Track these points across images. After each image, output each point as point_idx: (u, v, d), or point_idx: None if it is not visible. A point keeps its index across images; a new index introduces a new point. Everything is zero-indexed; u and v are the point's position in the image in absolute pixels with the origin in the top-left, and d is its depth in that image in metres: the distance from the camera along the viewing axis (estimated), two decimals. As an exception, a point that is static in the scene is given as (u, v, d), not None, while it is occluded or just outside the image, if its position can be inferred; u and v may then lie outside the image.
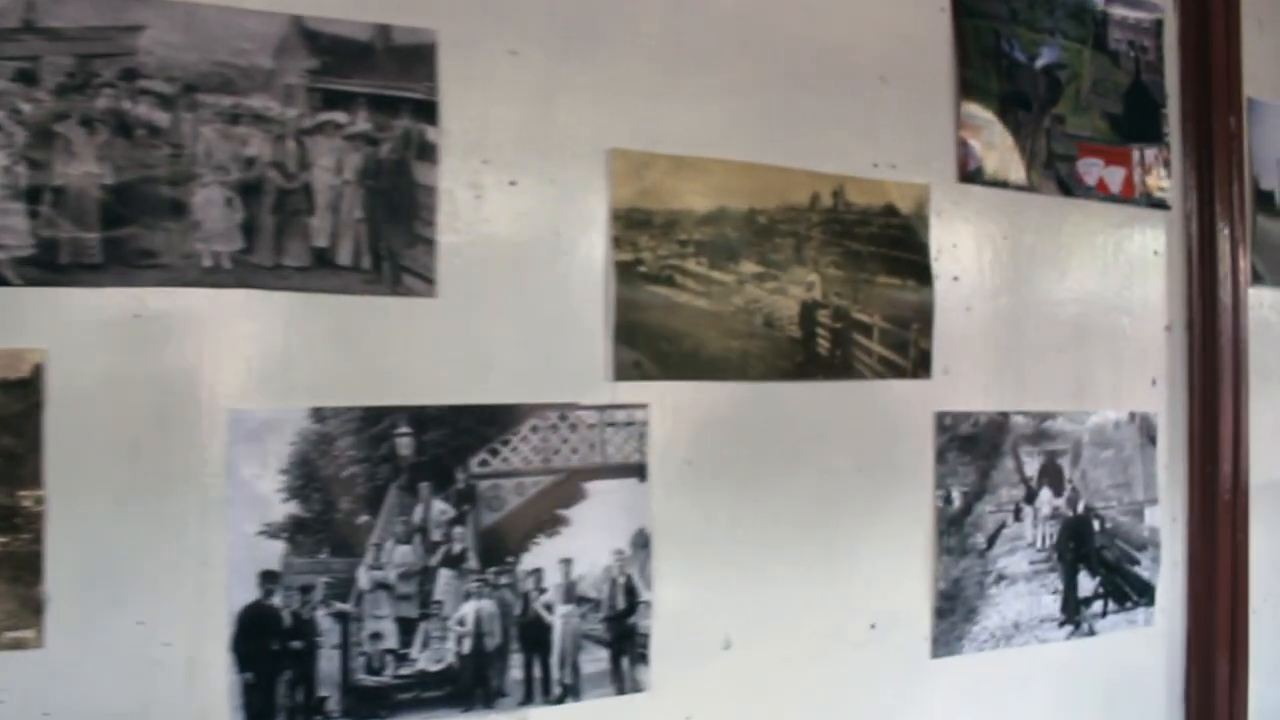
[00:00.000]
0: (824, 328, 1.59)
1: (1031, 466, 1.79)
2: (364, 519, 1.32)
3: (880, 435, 1.65)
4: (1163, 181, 1.97)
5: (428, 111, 1.36)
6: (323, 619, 1.30)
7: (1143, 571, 1.91)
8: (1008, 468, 1.76)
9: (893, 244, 1.65)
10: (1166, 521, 1.96)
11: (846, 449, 1.62)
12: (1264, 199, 2.10)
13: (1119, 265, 1.92)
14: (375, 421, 1.33)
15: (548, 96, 1.44)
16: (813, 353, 1.58)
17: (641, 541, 1.47)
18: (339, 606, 1.31)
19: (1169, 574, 1.96)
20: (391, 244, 1.35)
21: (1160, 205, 1.97)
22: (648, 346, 1.47)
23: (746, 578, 1.54)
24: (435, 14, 1.38)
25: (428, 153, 1.36)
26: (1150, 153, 1.96)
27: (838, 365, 1.61)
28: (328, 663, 1.31)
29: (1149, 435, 1.93)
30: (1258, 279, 2.08)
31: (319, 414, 1.30)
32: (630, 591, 1.46)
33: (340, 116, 1.33)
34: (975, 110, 1.75)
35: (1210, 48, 1.98)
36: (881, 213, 1.65)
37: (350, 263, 1.33)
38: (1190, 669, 1.98)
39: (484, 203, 1.39)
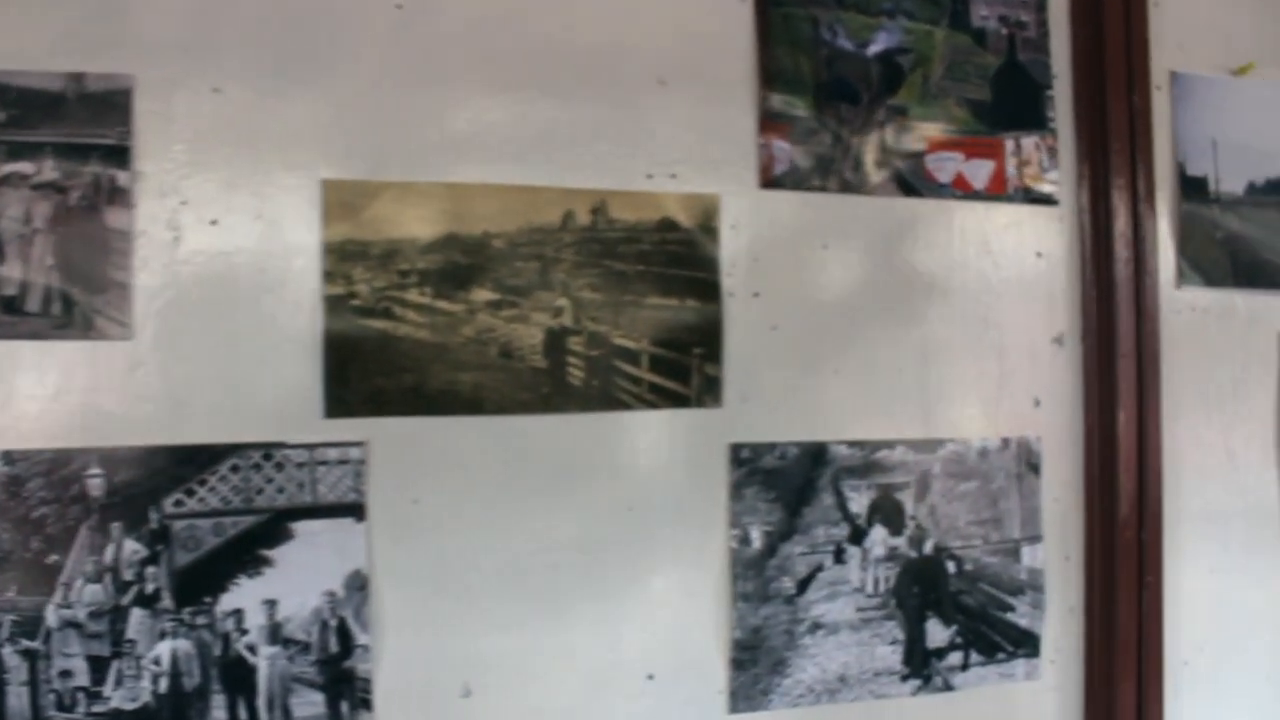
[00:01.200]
0: (576, 356, 1.49)
1: (858, 503, 1.61)
2: (54, 558, 1.34)
3: (656, 471, 1.52)
4: (1047, 174, 1.72)
5: (119, 156, 1.36)
6: (9, 656, 1.32)
7: (1019, 619, 1.68)
8: (825, 504, 1.59)
9: (670, 261, 1.52)
10: (1057, 561, 1.72)
11: (613, 486, 1.50)
12: (1192, 186, 1.81)
13: (988, 271, 1.69)
14: (65, 463, 1.34)
15: (255, 131, 1.40)
16: (562, 383, 1.48)
17: (357, 583, 1.41)
18: (26, 644, 1.33)
19: (1061, 621, 1.72)
20: (84, 289, 1.35)
21: (1044, 200, 1.73)
22: (362, 382, 1.41)
23: (488, 622, 1.46)
24: (133, 59, 1.37)
25: (119, 197, 1.36)
26: (1029, 141, 1.72)
27: (594, 396, 1.49)
28: (17, 699, 1.32)
29: (1029, 463, 1.69)
30: (1185, 279, 1.79)
31: (8, 457, 1.32)
32: (344, 634, 1.41)
33: (26, 167, 1.34)
34: (783, 107, 1.59)
35: (1105, 17, 1.72)
36: (656, 228, 1.52)
37: (39, 309, 1.34)
38: (1089, 732, 1.72)
39: (182, 243, 1.38)
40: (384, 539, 1.42)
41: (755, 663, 1.55)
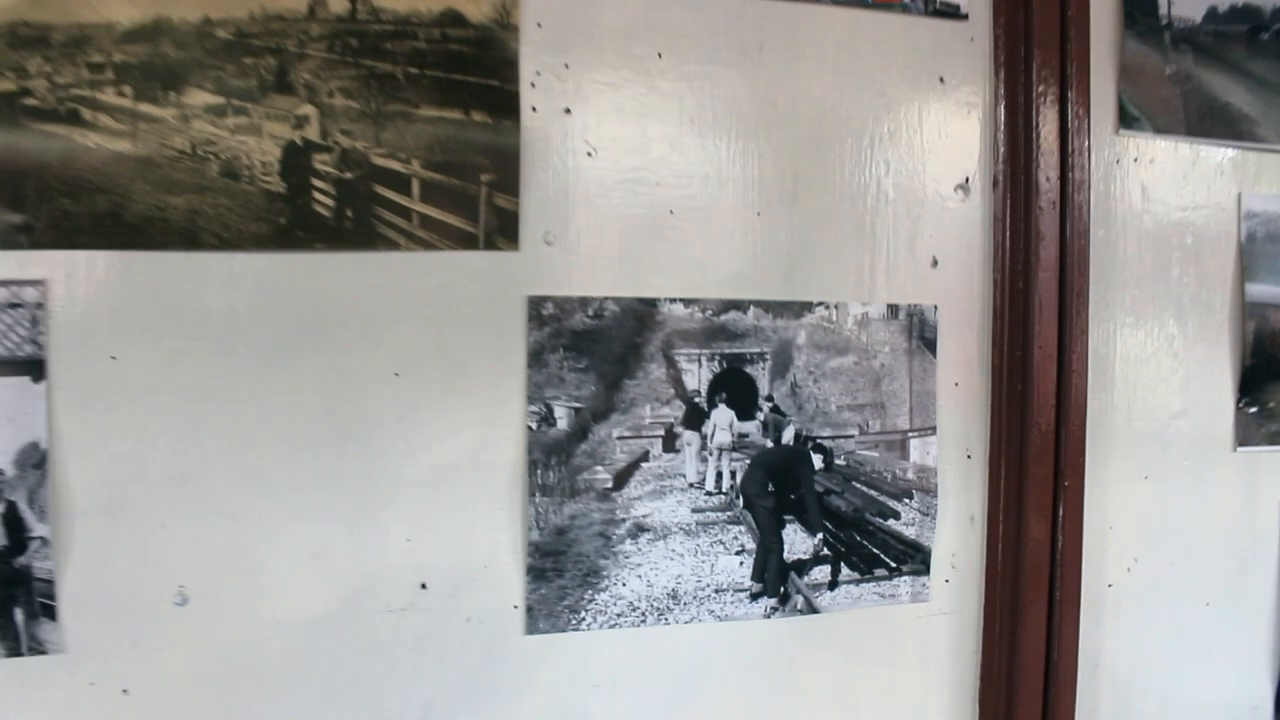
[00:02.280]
0: (324, 179, 1.17)
1: (696, 377, 1.29)
2: None
3: (430, 328, 1.21)
4: (952, -20, 1.38)
5: None
6: None
7: (904, 528, 1.37)
8: (653, 377, 1.27)
9: (453, 64, 1.20)
10: (955, 459, 1.40)
11: (373, 347, 1.19)
12: (1138, 8, 1.46)
13: (875, 98, 1.36)
14: None
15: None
16: (305, 213, 1.16)
17: (33, 459, 1.11)
18: None
19: (959, 532, 1.41)
20: None
21: (949, 13, 1.39)
22: (40, 204, 1.10)
23: (209, 513, 1.15)
24: None
25: None
26: (930, -61, 1.38)
27: (349, 231, 1.18)
28: None
29: (923, 337, 1.37)
30: (1126, 123, 1.45)
31: None
32: (15, 523, 1.11)
33: None
34: (606, -119, 1.25)
35: None
36: (435, 21, 1.20)
37: None
38: (989, 659, 1.41)
39: None
40: (69, 404, 1.12)
41: (560, 572, 1.24)
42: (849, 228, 1.35)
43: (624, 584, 1.27)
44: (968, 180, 1.40)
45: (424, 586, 1.22)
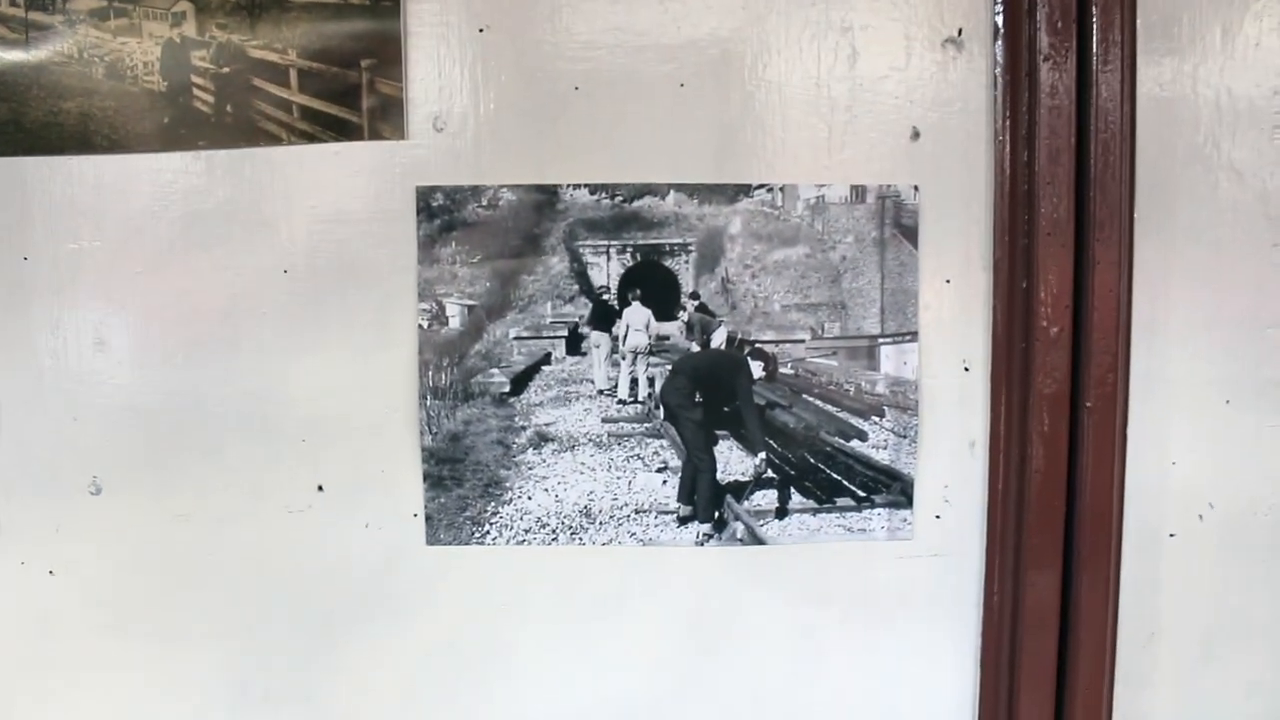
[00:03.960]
0: (203, 75, 1.15)
1: (605, 270, 1.15)
2: None
3: (317, 223, 1.17)
4: None
5: None
6: None
7: (875, 451, 1.16)
8: (554, 272, 1.15)
9: (331, -56, 1.14)
10: (948, 373, 1.17)
11: (260, 243, 1.17)
12: None
13: (832, -61, 1.14)
14: None
15: None
16: (187, 110, 1.16)
17: (-38, 355, 1.20)
18: None
19: (956, 460, 1.18)
20: None
21: None
22: (-47, 114, 1.17)
23: (117, 411, 1.19)
24: None
25: None
26: None
27: (229, 126, 1.16)
28: None
29: (900, 224, 1.14)
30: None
31: None
32: (-51, 415, 1.20)
33: None
34: None
35: None
36: (312, -100, 1.14)
37: None
38: (992, 613, 1.17)
39: None
40: (-9, 302, 1.18)
41: (459, 481, 1.16)
42: (799, 97, 1.14)
43: (529, 497, 1.16)
44: (960, 33, 1.14)
45: (320, 489, 1.18)
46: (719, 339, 1.15)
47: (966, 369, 1.16)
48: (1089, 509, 1.13)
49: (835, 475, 1.16)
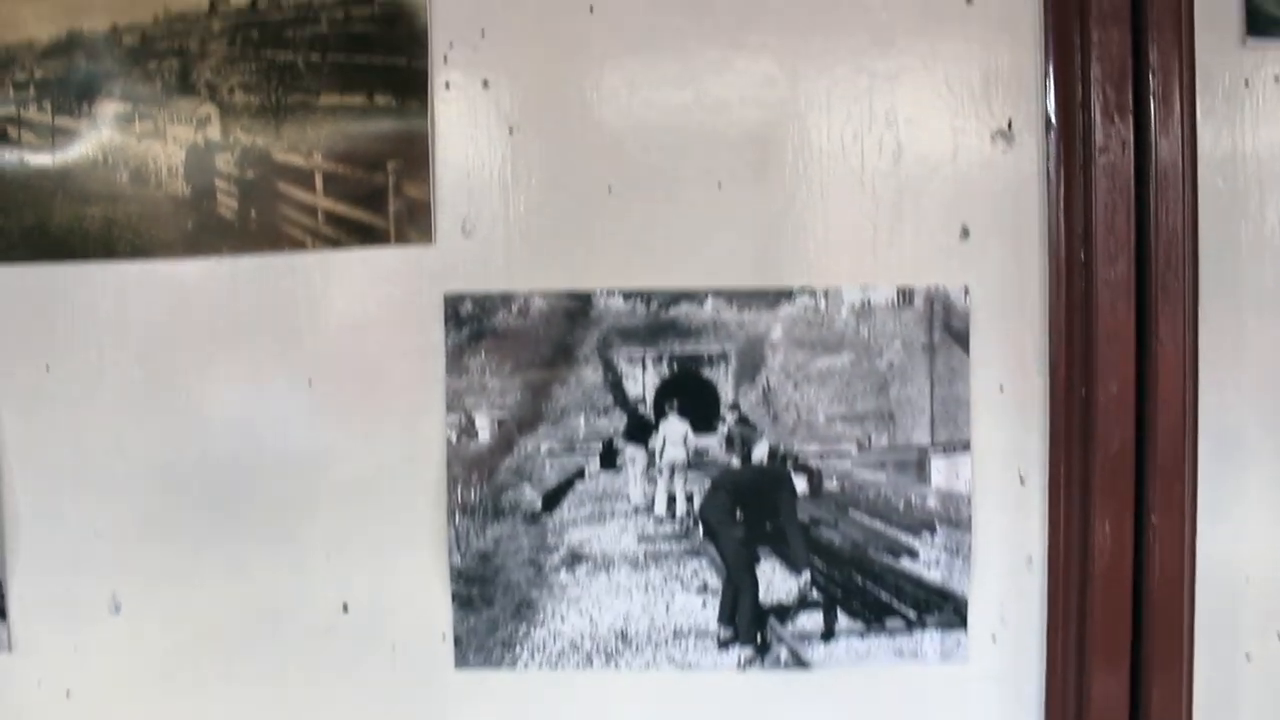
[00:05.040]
0: (227, 180, 1.12)
1: (641, 381, 1.10)
2: None
3: (343, 332, 1.13)
4: None
5: None
6: None
7: (927, 569, 1.10)
8: (588, 382, 1.11)
9: (357, 45, 1.11)
10: (1002, 484, 1.11)
11: (286, 353, 1.13)
12: None
13: (875, 32, 1.10)
14: None
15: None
16: (211, 216, 1.13)
17: (-24, 462, 1.17)
18: None
19: (1012, 577, 1.11)
20: None
21: (977, -87, 1.09)
22: (-22, 222, 1.15)
23: (138, 523, 1.15)
24: None
25: None
26: None
27: (254, 232, 1.13)
28: None
29: (949, 328, 1.09)
30: (1258, 23, 1.07)
31: None
32: (-34, 528, 1.17)
33: None
34: None
35: None
36: (339, 1, 1.12)
37: None
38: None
39: None
40: (11, 412, 1.15)
41: (489, 602, 1.11)
42: (842, 195, 1.10)
43: (563, 619, 1.11)
44: (1010, 125, 1.09)
45: (346, 609, 1.13)
46: (760, 452, 1.09)
47: (1022, 480, 1.10)
48: (1157, 630, 1.05)
49: (884, 595, 1.09)
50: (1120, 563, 1.05)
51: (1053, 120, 1.08)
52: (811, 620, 1.10)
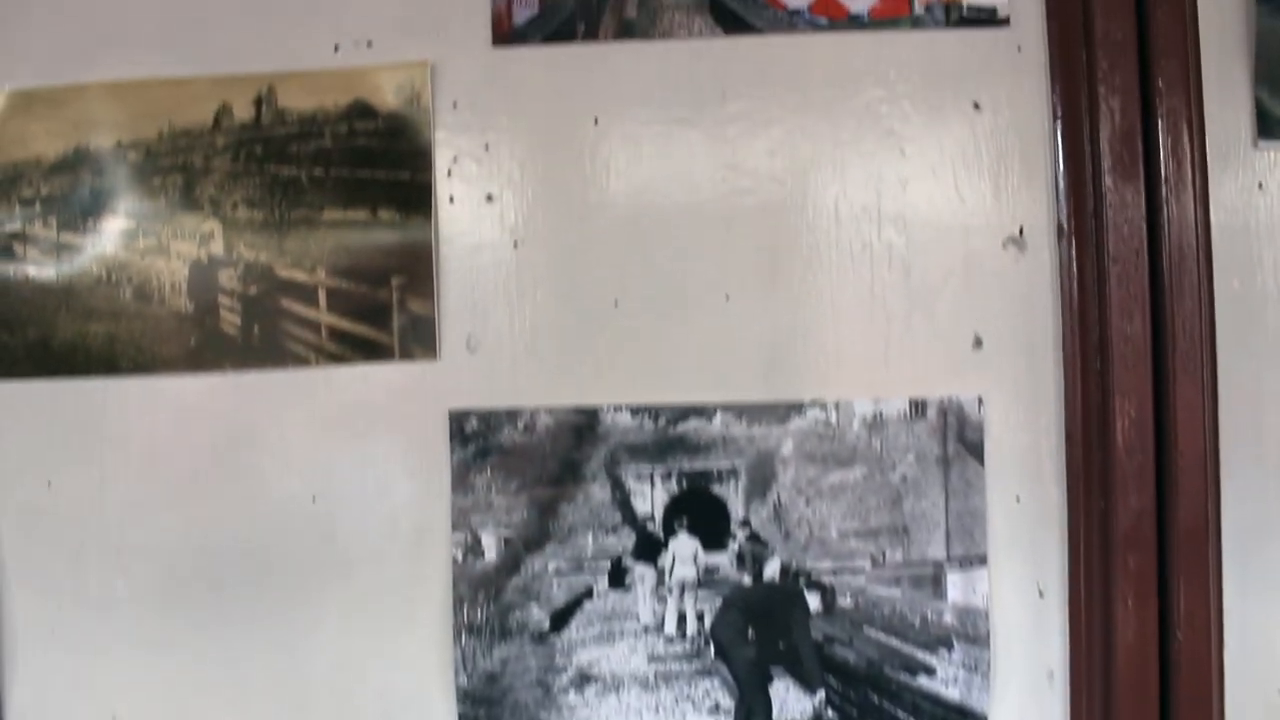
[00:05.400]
0: (230, 296, 1.12)
1: (650, 498, 1.08)
2: None
3: (347, 449, 1.11)
4: (985, -23, 1.09)
5: None
6: None
7: (945, 687, 1.07)
8: (596, 500, 1.09)
9: (361, 159, 1.11)
10: (1021, 598, 1.08)
11: (288, 471, 1.12)
12: (1274, -30, 1.06)
13: (882, 141, 1.09)
14: None
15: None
16: (214, 332, 1.12)
17: (-21, 585, 1.15)
18: None
19: (1033, 693, 1.08)
20: None
21: (983, 19, 1.08)
22: (-18, 338, 1.15)
23: (138, 639, 1.13)
24: None
25: None
26: (952, -71, 1.09)
27: (256, 348, 1.12)
28: None
29: (964, 440, 1.07)
30: (1269, 127, 1.06)
31: None
32: (-33, 648, 1.15)
33: None
34: (529, -69, 1.11)
35: None
36: (343, 115, 1.11)
37: None
38: None
39: None
40: (11, 529, 1.14)
41: (497, 723, 1.08)
42: (852, 306, 1.08)
43: (571, 742, 1.08)
44: (1021, 232, 1.07)
45: (351, 731, 1.11)
46: (772, 569, 1.07)
47: (1041, 594, 1.07)
48: (1187, 752, 1.02)
49: (901, 714, 1.06)
50: (1145, 677, 1.02)
51: (1064, 227, 1.06)
52: (827, 741, 1.07)
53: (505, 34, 1.10)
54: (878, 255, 1.08)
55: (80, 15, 1.15)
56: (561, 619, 1.08)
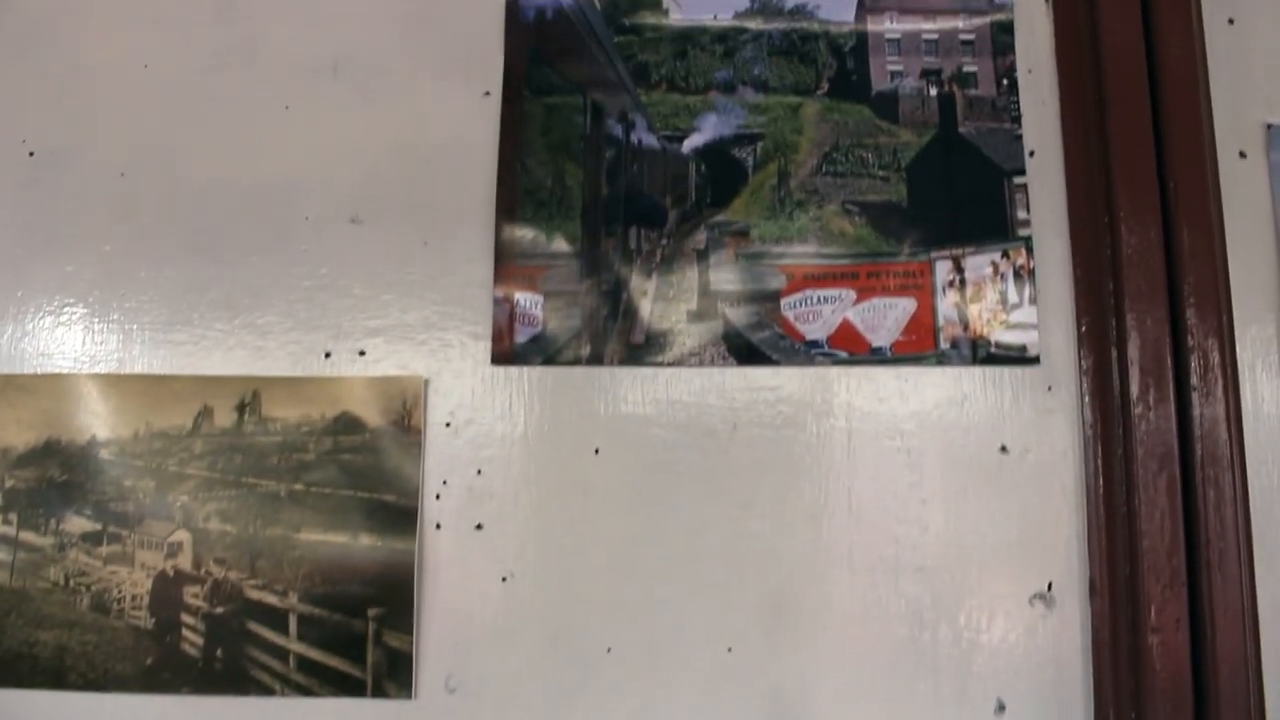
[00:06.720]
0: (194, 614, 1.04)
1: None
2: None
3: (308, 791, 1.01)
4: (1014, 313, 1.03)
5: None
6: None
7: None
8: None
9: (344, 477, 1.04)
10: None
11: (243, 809, 1.02)
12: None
13: (901, 479, 1.02)
14: None
15: None
16: (173, 652, 1.03)
17: None
18: None
19: None
20: None
21: (1013, 358, 1.02)
22: (-77, 643, 1.06)
23: None
24: None
25: None
26: (982, 262, 1.04)
27: (217, 674, 1.03)
28: None
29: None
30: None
31: None
32: None
33: None
34: (533, 243, 1.06)
35: (1109, 43, 1.02)
36: (328, 429, 1.05)
37: None
38: None
39: None
40: None
41: None
42: (861, 662, 0.99)
43: None
44: (1050, 588, 0.99)
45: None
46: None
47: None
48: None
49: None
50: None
51: (1096, 583, 0.98)
52: None
53: (505, 352, 1.04)
54: (892, 606, 1.00)
55: (65, 309, 1.10)
56: None
